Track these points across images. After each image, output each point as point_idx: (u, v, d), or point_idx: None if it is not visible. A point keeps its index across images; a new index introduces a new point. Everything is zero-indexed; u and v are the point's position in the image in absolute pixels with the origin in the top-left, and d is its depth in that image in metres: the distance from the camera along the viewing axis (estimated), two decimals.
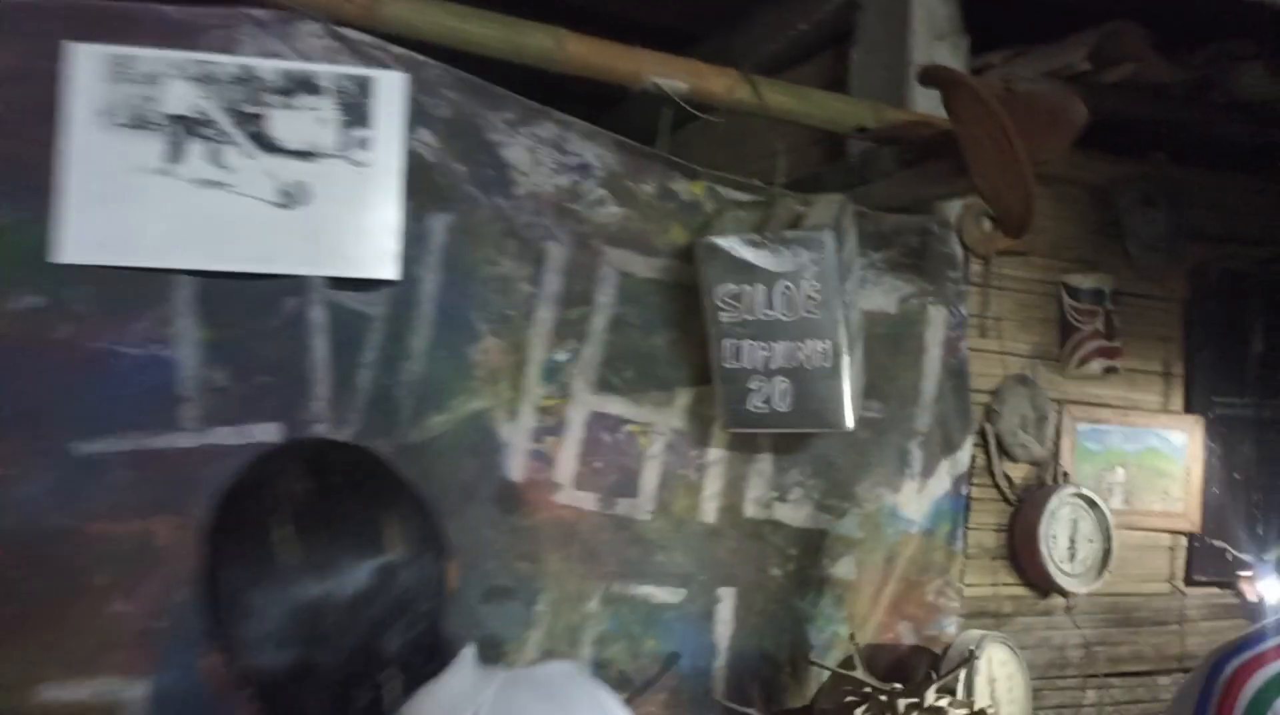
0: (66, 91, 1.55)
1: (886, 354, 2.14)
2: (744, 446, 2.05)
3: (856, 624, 2.07)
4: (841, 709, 1.87)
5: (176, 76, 1.59)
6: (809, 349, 1.77)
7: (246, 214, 1.63)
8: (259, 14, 1.64)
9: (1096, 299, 2.31)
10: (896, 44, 2.36)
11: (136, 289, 1.60)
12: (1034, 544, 2.16)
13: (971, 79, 1.68)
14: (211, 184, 1.62)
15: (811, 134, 2.69)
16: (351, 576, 0.92)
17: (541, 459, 1.89)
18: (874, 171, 2.07)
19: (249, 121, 1.64)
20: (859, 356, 1.92)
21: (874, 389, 2.09)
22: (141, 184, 1.59)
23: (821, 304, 1.74)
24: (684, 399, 2.02)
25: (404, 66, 1.74)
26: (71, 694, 1.55)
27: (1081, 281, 2.30)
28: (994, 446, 2.21)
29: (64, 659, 1.55)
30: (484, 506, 1.82)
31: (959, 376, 2.19)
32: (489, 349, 1.85)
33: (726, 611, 2.03)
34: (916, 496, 2.15)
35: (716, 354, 1.84)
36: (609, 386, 1.96)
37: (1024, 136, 1.63)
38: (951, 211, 2.21)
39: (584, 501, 1.93)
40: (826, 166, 2.40)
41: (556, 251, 1.91)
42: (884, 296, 2.14)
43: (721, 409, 1.90)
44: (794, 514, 2.09)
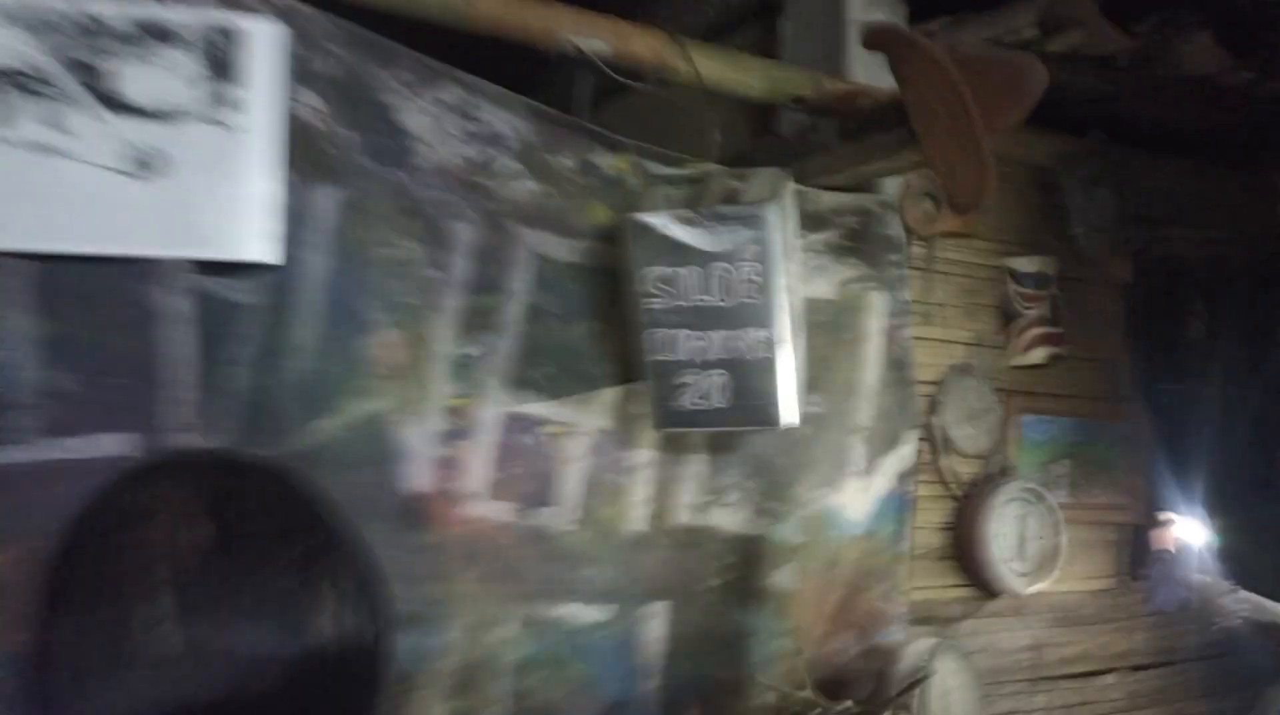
0: None
1: (826, 343, 1.99)
2: (676, 447, 1.88)
3: (801, 636, 1.92)
4: None
5: (6, 25, 1.33)
6: (748, 338, 1.60)
7: (92, 186, 1.38)
8: None
9: (1040, 283, 2.20)
10: (830, 11, 2.21)
11: None
12: (981, 543, 2.04)
13: (923, 40, 1.54)
14: (48, 150, 1.36)
15: (740, 108, 2.53)
16: (255, 672, 0.58)
17: (450, 466, 1.68)
18: (812, 145, 1.91)
19: (94, 76, 1.38)
20: (802, 347, 1.76)
21: (814, 381, 1.93)
22: None
23: (762, 288, 1.58)
24: (609, 396, 1.83)
25: (282, 16, 1.50)
26: None
27: (1025, 265, 2.20)
28: (939, 440, 2.09)
29: None
30: (384, 523, 1.60)
31: (902, 367, 2.06)
32: (388, 342, 1.62)
33: (660, 628, 1.86)
34: (860, 496, 2.01)
35: (646, 345, 1.66)
36: (526, 383, 1.76)
37: (980, 104, 1.49)
38: (892, 190, 2.08)
39: (500, 513, 1.73)
40: (758, 141, 2.24)
41: (465, 232, 1.70)
42: (823, 281, 1.99)
43: (652, 407, 1.72)
44: (731, 519, 1.92)
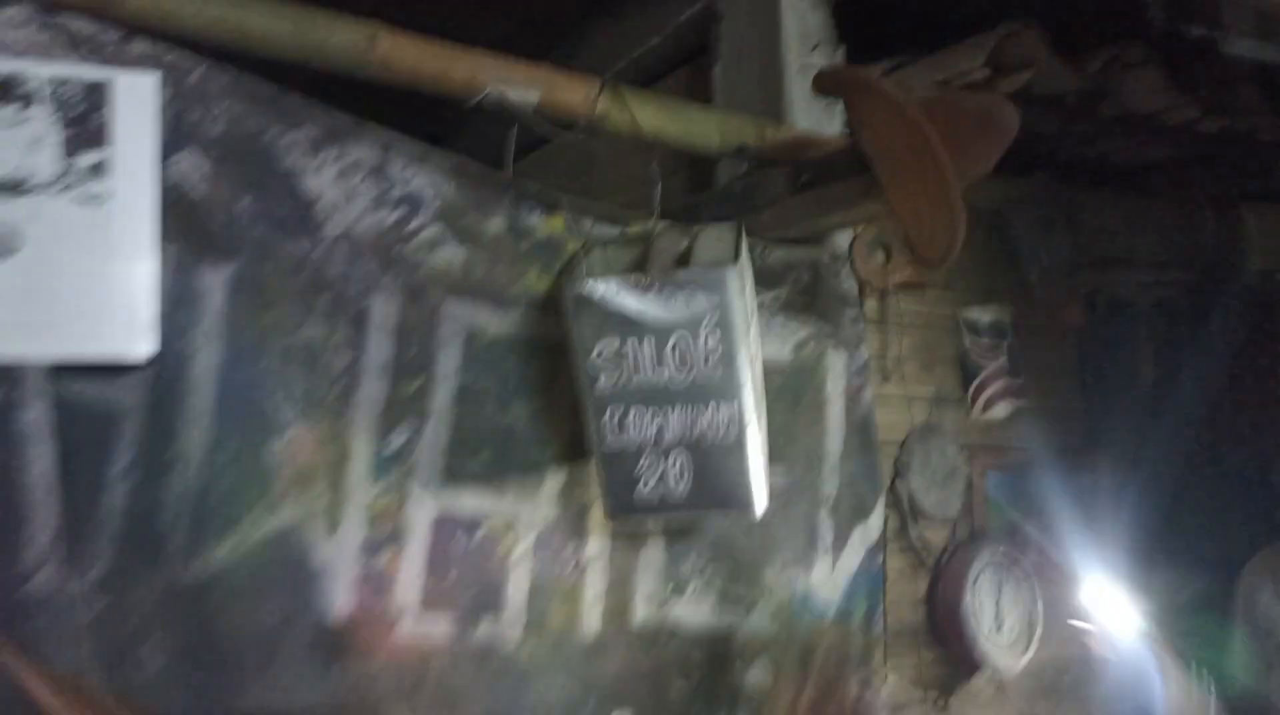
0: None
1: (785, 410, 1.83)
2: (629, 535, 1.68)
3: None
4: None
5: None
6: (711, 416, 1.42)
7: None
8: None
9: (997, 333, 2.10)
10: (766, 56, 2.09)
11: None
12: (960, 617, 1.90)
13: (883, 82, 1.41)
14: None
15: (674, 158, 2.38)
16: None
17: (376, 582, 1.44)
18: (760, 198, 1.77)
19: None
20: (763, 417, 1.59)
21: (775, 451, 1.76)
22: None
23: (724, 358, 1.40)
24: (553, 483, 1.62)
25: (155, 67, 1.28)
26: None
27: (980, 315, 2.09)
28: (906, 507, 1.95)
29: None
30: (298, 658, 1.35)
31: (865, 430, 1.91)
32: (296, 442, 1.38)
33: None
34: (830, 575, 1.84)
35: (595, 428, 1.46)
36: (459, 476, 1.53)
37: (949, 149, 1.37)
38: (842, 241, 1.95)
39: (435, 628, 1.49)
40: (697, 195, 2.09)
41: (382, 308, 1.48)
42: (777, 343, 1.83)
43: (604, 496, 1.52)
44: (694, 612, 1.72)
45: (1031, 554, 2.04)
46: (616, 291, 1.39)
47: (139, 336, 1.22)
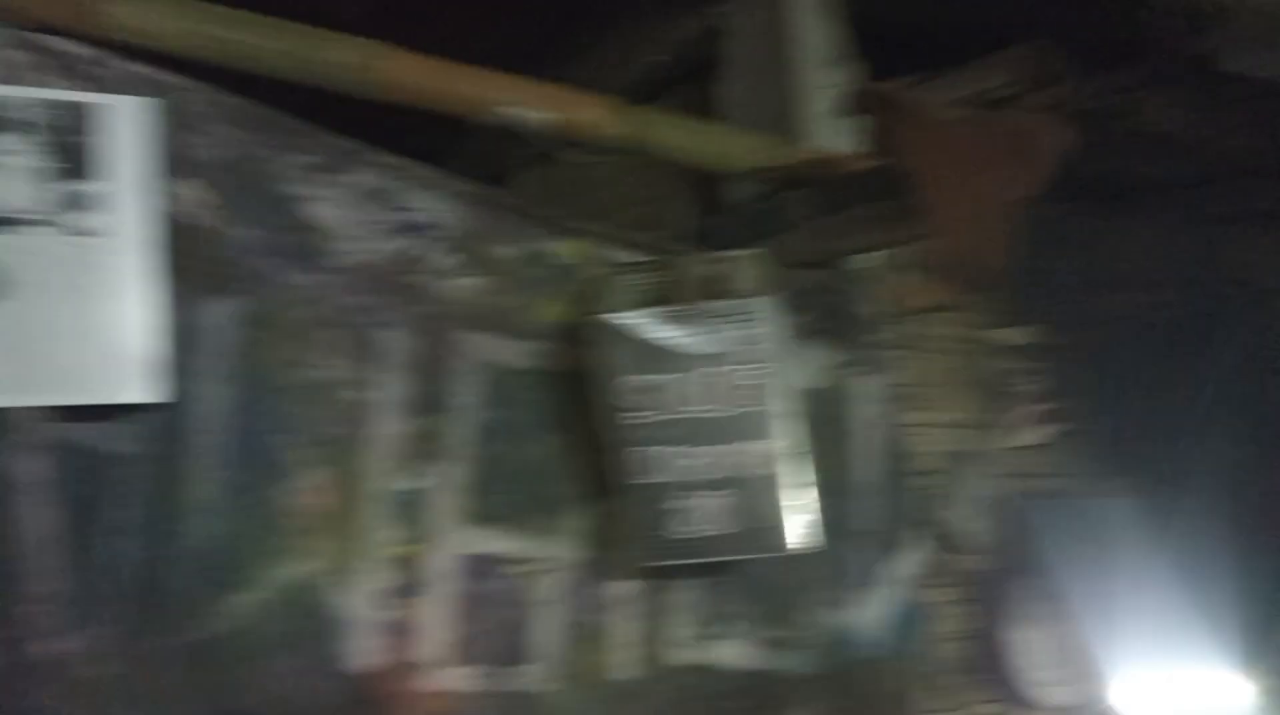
0: None
1: (812, 441, 1.74)
2: (660, 574, 1.59)
3: None
4: None
5: None
6: (749, 452, 1.34)
7: None
8: None
9: (1032, 356, 2.04)
10: (775, 73, 2.03)
11: None
12: (1009, 651, 1.81)
13: (926, 101, 1.36)
14: None
15: (675, 179, 2.32)
16: None
17: (400, 632, 1.34)
18: (783, 220, 1.70)
19: None
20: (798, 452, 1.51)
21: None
22: None
23: (757, 393, 1.32)
24: (578, 522, 1.54)
25: (149, 90, 1.20)
26: None
27: (1014, 337, 2.03)
28: (946, 538, 1.86)
29: None
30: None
31: (897, 459, 1.83)
32: (311, 486, 1.29)
33: None
34: (867, 613, 1.75)
35: (625, 467, 1.38)
36: (481, 517, 1.45)
37: (996, 170, 1.31)
38: (868, 264, 1.88)
39: (465, 682, 1.39)
40: (710, 218, 2.02)
41: (396, 342, 1.40)
42: (801, 370, 1.75)
43: (635, 537, 1.43)
44: (729, 654, 1.63)
45: (1080, 586, 1.95)
46: (644, 323, 1.31)
47: (142, 379, 1.13)
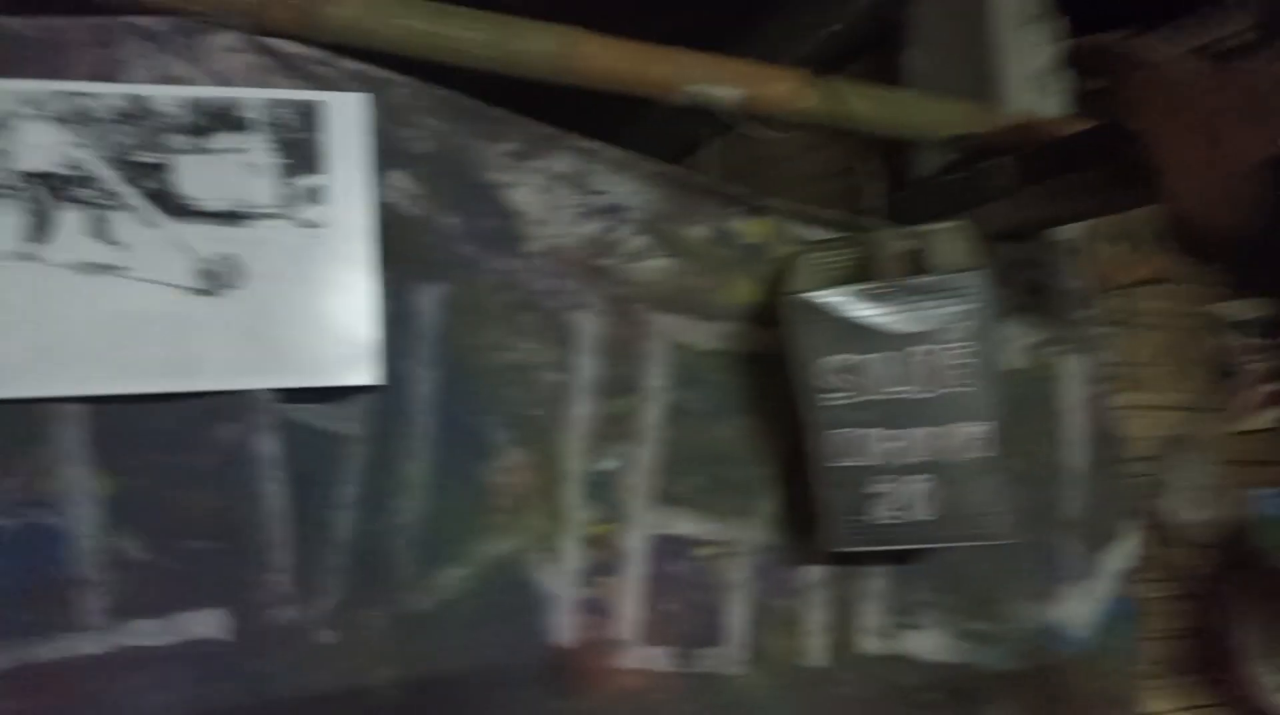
0: None
1: (1017, 423, 1.64)
2: (851, 560, 1.54)
3: None
4: None
5: (34, 116, 1.09)
6: (959, 435, 1.27)
7: (153, 308, 1.13)
8: (150, 23, 1.15)
9: (1260, 331, 1.84)
10: (970, 34, 1.91)
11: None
12: (1226, 653, 1.66)
13: (1154, 56, 1.23)
14: (98, 268, 1.11)
15: (860, 151, 2.23)
16: None
17: (596, 610, 1.37)
18: (984, 190, 1.59)
19: (146, 175, 1.14)
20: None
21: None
22: None
23: (974, 373, 1.25)
24: (769, 505, 1.52)
25: (363, 86, 1.25)
26: None
27: (1242, 311, 1.84)
28: (1163, 528, 1.72)
29: None
30: (526, 690, 1.29)
31: (1110, 443, 1.70)
32: (513, 466, 1.33)
33: None
34: (1077, 607, 1.64)
35: (823, 448, 1.34)
36: (672, 498, 1.45)
37: (1234, 128, 1.17)
38: (1075, 234, 1.75)
39: (657, 661, 1.41)
40: (903, 191, 1.93)
41: (589, 324, 1.41)
42: (1007, 349, 1.65)
43: (831, 521, 1.39)
44: (925, 645, 1.57)
45: None
46: (842, 301, 1.27)
47: (362, 363, 1.19)
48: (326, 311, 1.19)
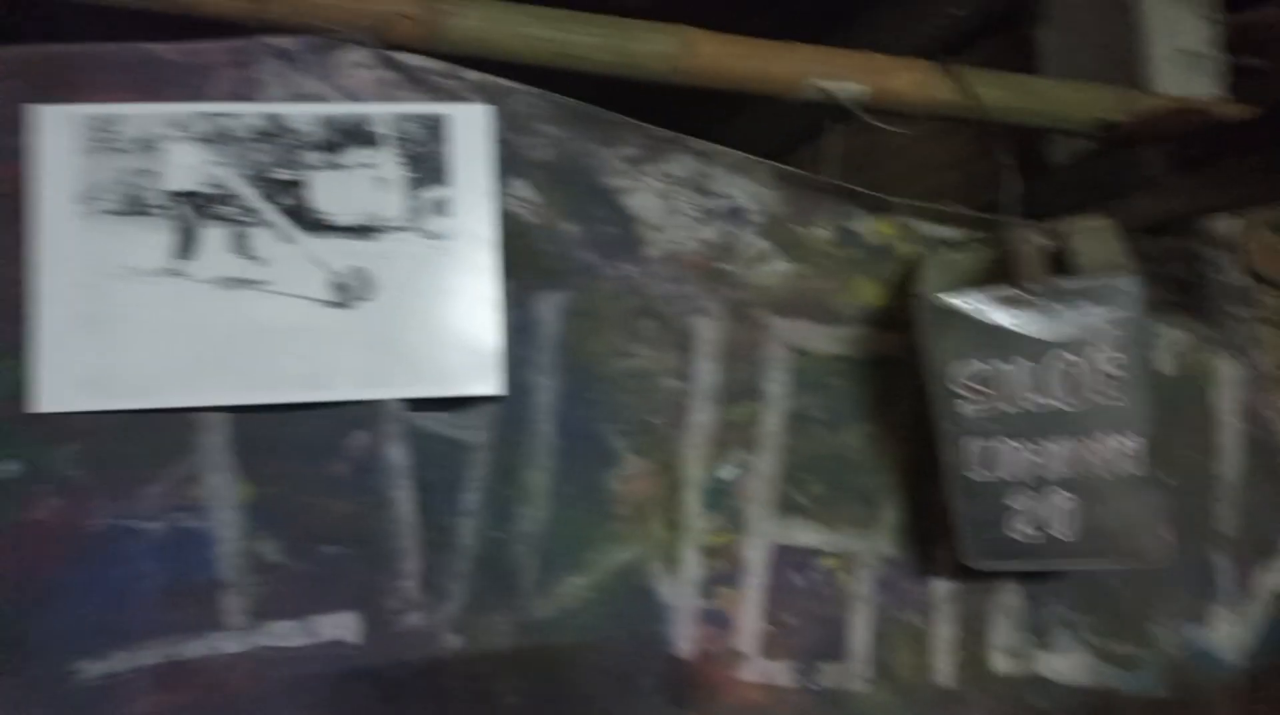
0: (34, 173, 1.12)
1: (1165, 431, 1.54)
2: (980, 574, 1.48)
3: None
4: None
5: (179, 138, 1.14)
6: (1105, 449, 1.20)
7: (290, 320, 1.16)
8: (284, 43, 1.18)
9: None
10: (1111, 13, 1.79)
11: (146, 440, 1.15)
12: None
13: None
14: (239, 283, 1.16)
15: (984, 143, 2.13)
16: None
17: (716, 621, 1.35)
18: (1128, 181, 1.50)
19: (283, 192, 1.17)
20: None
21: None
22: (143, 292, 1.13)
23: (1124, 383, 1.17)
24: (892, 516, 1.46)
25: (485, 96, 1.26)
26: None
27: None
28: None
29: None
30: (646, 700, 1.29)
31: (1269, 453, 1.58)
32: (632, 474, 1.32)
33: None
34: (1233, 628, 1.53)
35: (954, 460, 1.28)
36: (793, 507, 1.42)
37: None
38: (1228, 227, 1.62)
39: (778, 675, 1.38)
40: (1036, 183, 1.83)
41: (707, 329, 1.39)
42: (1155, 354, 1.55)
43: (963, 535, 1.33)
44: (1063, 667, 1.49)
45: None
46: (983, 305, 1.20)
47: (486, 372, 1.21)
48: (452, 322, 1.21)
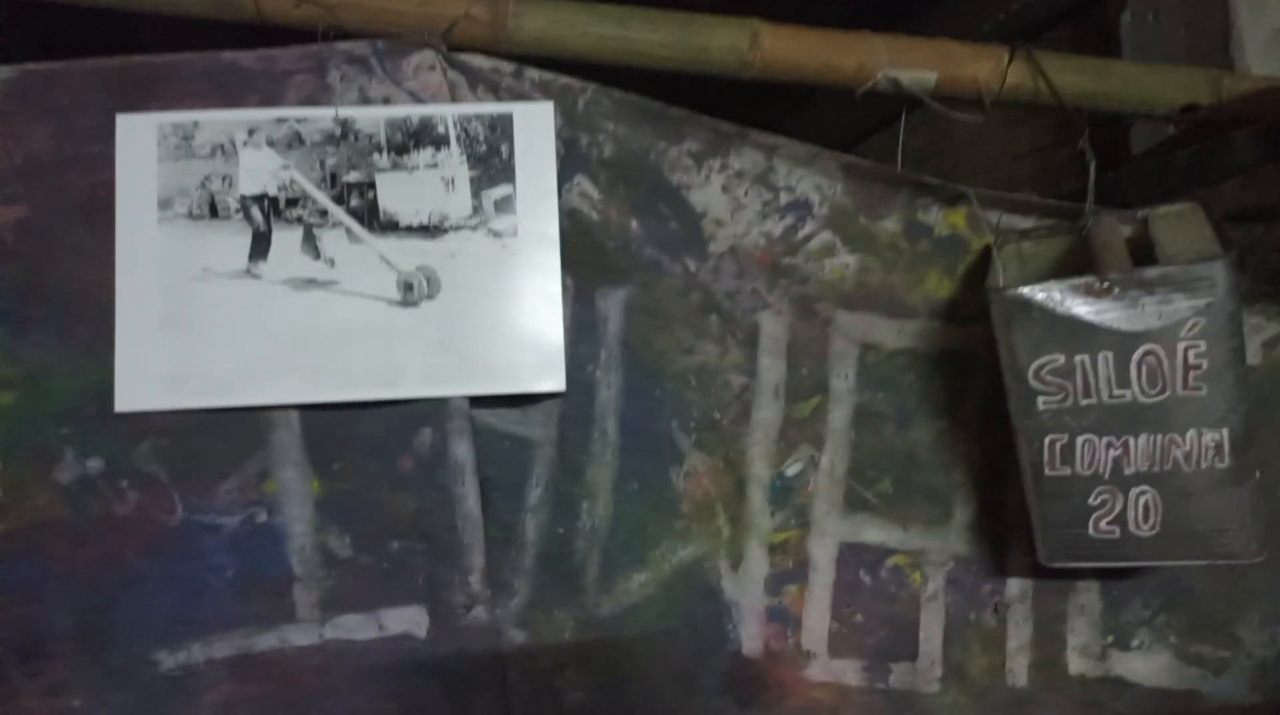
0: (118, 178, 1.15)
1: (1253, 423, 1.47)
2: (1056, 573, 1.43)
3: None
4: None
5: (254, 143, 1.17)
6: (1190, 444, 1.15)
7: (359, 320, 1.18)
8: (354, 48, 1.20)
9: None
10: None
11: (222, 436, 1.18)
12: None
13: None
14: (310, 284, 1.18)
15: (1058, 129, 2.07)
16: None
17: (782, 619, 1.34)
18: (1216, 168, 1.43)
19: (354, 193, 1.19)
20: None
21: None
22: (219, 294, 1.16)
23: (1210, 374, 1.12)
24: (963, 514, 1.43)
25: (547, 94, 1.26)
26: None
27: None
28: None
29: None
30: (712, 699, 1.28)
31: None
32: (696, 470, 1.32)
33: None
34: None
35: (1030, 456, 1.24)
36: (861, 505, 1.39)
37: None
38: None
39: (846, 675, 1.36)
40: (1115, 171, 1.77)
41: (772, 325, 1.37)
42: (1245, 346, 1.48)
43: (1039, 533, 1.29)
44: (1144, 668, 1.44)
45: None
46: (1062, 297, 1.16)
47: (550, 369, 1.21)
48: (516, 320, 1.21)
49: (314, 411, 1.19)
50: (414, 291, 1.19)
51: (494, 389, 1.20)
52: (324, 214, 1.18)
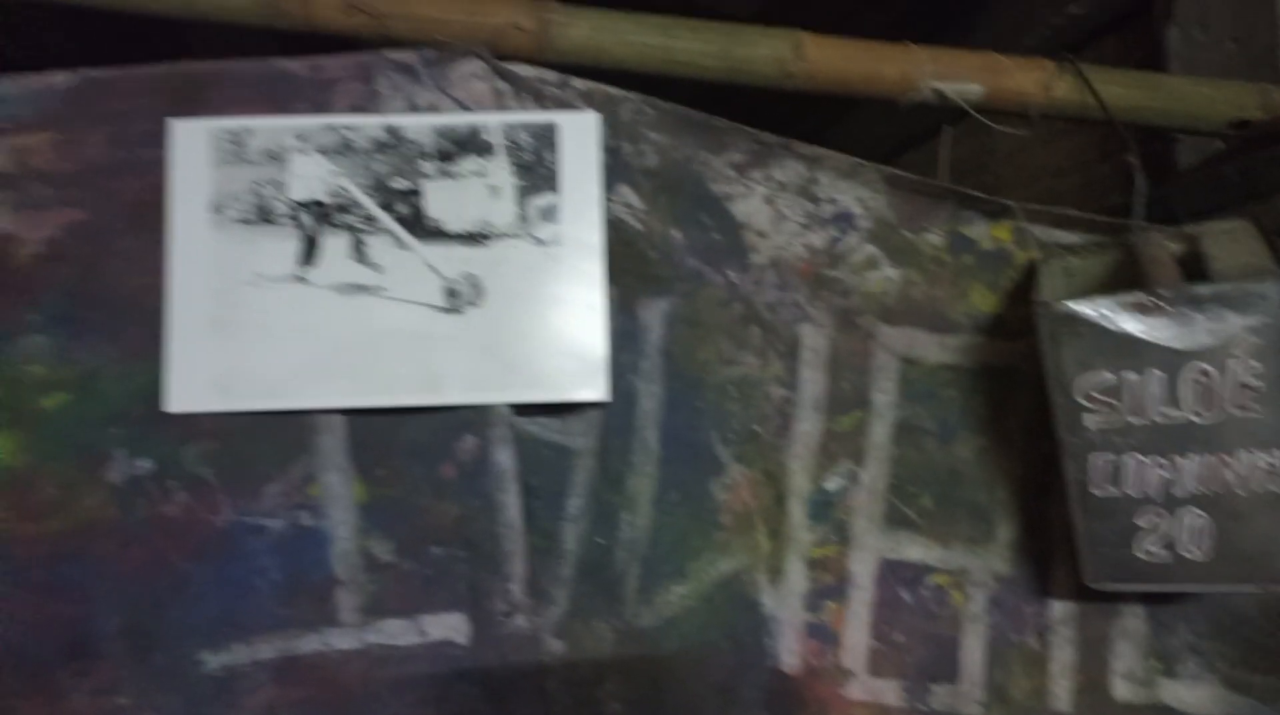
0: (169, 184, 1.17)
1: None
2: (1101, 596, 1.41)
3: None
4: None
5: (304, 149, 1.18)
6: (1242, 465, 1.13)
7: (405, 326, 1.19)
8: (402, 57, 1.21)
9: None
10: (1251, 6, 1.70)
11: (269, 439, 1.19)
12: None
13: None
14: (357, 289, 1.19)
15: (1101, 144, 2.05)
16: None
17: (822, 635, 1.32)
18: (1266, 183, 1.41)
19: (400, 200, 1.20)
20: None
21: None
22: (269, 298, 1.18)
23: (1264, 394, 1.10)
24: (1006, 532, 1.41)
25: (592, 104, 1.27)
26: None
27: None
28: None
29: None
30: (749, 714, 1.27)
31: None
32: (736, 483, 1.31)
33: None
34: None
35: (1077, 475, 1.22)
36: (901, 521, 1.38)
37: None
38: None
39: (886, 694, 1.34)
40: (1163, 186, 1.75)
41: (814, 337, 1.37)
42: None
43: (1085, 553, 1.27)
44: (1191, 696, 1.41)
45: None
46: (1111, 313, 1.14)
47: (592, 378, 1.21)
48: (559, 328, 1.22)
49: (359, 416, 1.20)
50: (459, 298, 1.20)
51: (537, 396, 1.21)
52: (371, 220, 1.19)
